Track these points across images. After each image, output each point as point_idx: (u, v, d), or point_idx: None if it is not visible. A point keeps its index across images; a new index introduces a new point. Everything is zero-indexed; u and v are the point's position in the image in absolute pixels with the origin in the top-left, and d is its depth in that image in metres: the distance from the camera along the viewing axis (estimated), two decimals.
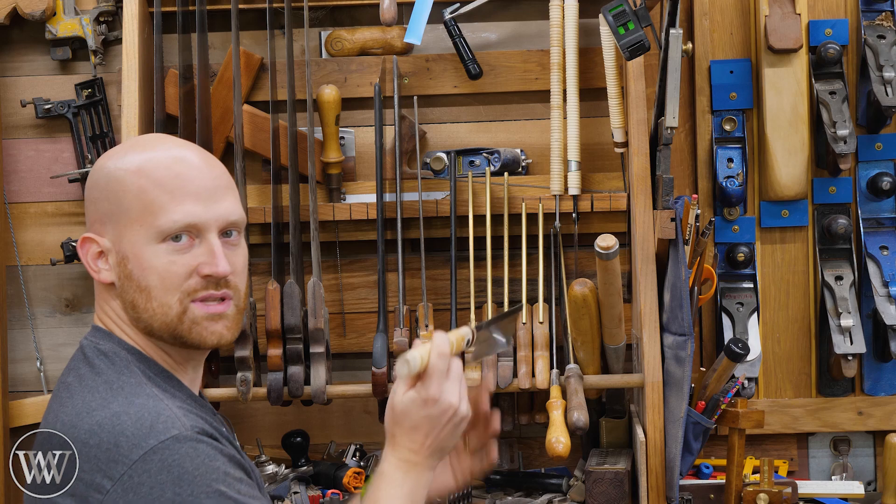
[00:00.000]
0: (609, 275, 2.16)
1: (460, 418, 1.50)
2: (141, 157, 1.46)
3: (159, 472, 1.32)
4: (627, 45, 2.04)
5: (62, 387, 1.47)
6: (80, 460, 1.36)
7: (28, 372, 2.52)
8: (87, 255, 1.46)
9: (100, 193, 1.46)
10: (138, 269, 1.44)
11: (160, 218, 1.43)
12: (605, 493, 2.17)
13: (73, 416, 1.40)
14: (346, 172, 2.45)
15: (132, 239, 1.44)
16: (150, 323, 1.45)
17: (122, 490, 1.33)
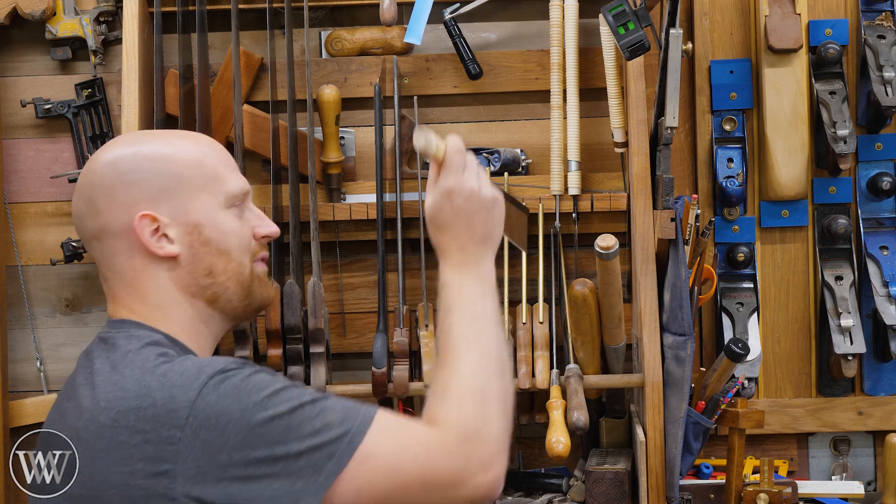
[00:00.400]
0: (609, 275, 2.16)
1: (489, 201, 1.54)
2: (174, 137, 1.57)
3: (220, 400, 1.37)
4: (627, 45, 2.04)
5: (86, 374, 1.47)
6: (140, 423, 1.38)
7: (28, 372, 2.52)
8: (145, 232, 1.49)
9: (144, 174, 1.50)
10: (216, 234, 1.52)
11: (226, 185, 1.53)
12: (605, 493, 2.17)
13: (117, 390, 1.42)
14: (346, 172, 2.45)
15: (202, 207, 1.51)
16: (225, 286, 1.53)
17: (192, 432, 1.36)
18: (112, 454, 1.39)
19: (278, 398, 1.38)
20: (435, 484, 1.40)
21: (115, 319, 1.54)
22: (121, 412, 1.39)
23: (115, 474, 1.38)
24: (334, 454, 1.37)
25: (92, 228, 1.52)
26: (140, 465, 1.37)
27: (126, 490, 1.37)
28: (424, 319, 2.32)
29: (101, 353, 1.48)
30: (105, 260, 1.53)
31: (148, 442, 1.37)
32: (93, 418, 1.41)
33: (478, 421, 1.43)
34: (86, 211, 1.52)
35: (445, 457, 1.41)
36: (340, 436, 1.38)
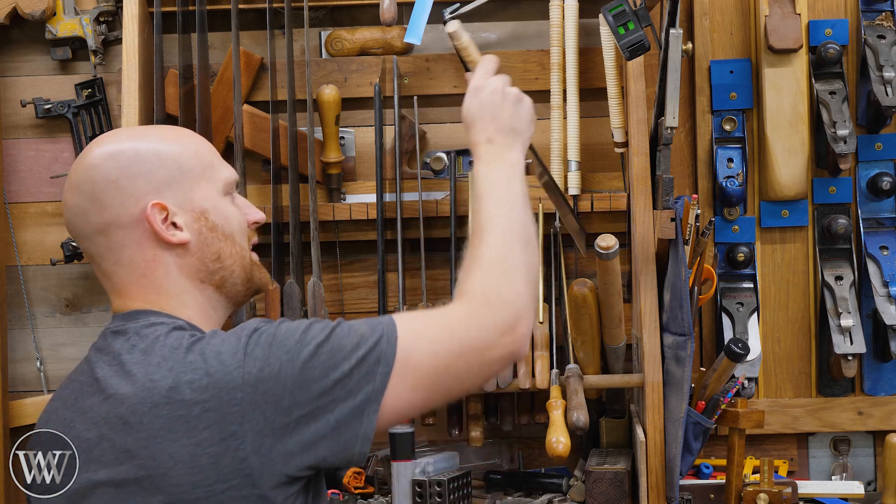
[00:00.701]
0: (609, 275, 2.16)
1: (514, 96, 1.73)
2: (163, 131, 1.61)
3: (266, 351, 1.43)
4: (627, 45, 2.04)
5: (111, 366, 1.49)
6: (197, 394, 1.41)
7: (28, 372, 2.52)
8: (157, 221, 1.52)
9: (147, 165, 1.53)
10: (221, 219, 1.56)
11: (221, 173, 1.58)
12: (605, 493, 2.17)
13: (161, 370, 1.44)
14: (346, 172, 2.45)
15: (205, 194, 1.56)
16: (232, 269, 1.57)
17: (251, 388, 1.41)
18: (173, 430, 1.41)
19: (312, 331, 1.45)
20: (471, 352, 1.49)
21: (128, 311, 1.54)
22: (173, 388, 1.42)
23: (180, 448, 1.41)
24: (380, 358, 1.44)
25: (96, 223, 1.53)
26: (206, 434, 1.40)
27: (193, 461, 1.40)
28: None
29: (123, 345, 1.49)
30: (111, 254, 1.54)
31: (209, 410, 1.41)
32: (141, 401, 1.43)
33: (500, 286, 1.53)
34: (88, 206, 1.53)
35: (472, 324, 1.50)
36: (378, 341, 1.45)
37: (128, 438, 1.43)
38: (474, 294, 1.53)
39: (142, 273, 1.53)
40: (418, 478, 2.19)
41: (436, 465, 2.25)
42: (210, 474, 1.40)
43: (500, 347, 1.50)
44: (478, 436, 2.33)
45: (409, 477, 2.20)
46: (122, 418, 1.44)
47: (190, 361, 1.44)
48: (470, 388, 1.57)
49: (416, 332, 1.49)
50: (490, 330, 1.50)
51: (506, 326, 1.51)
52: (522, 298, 1.54)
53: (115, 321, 1.54)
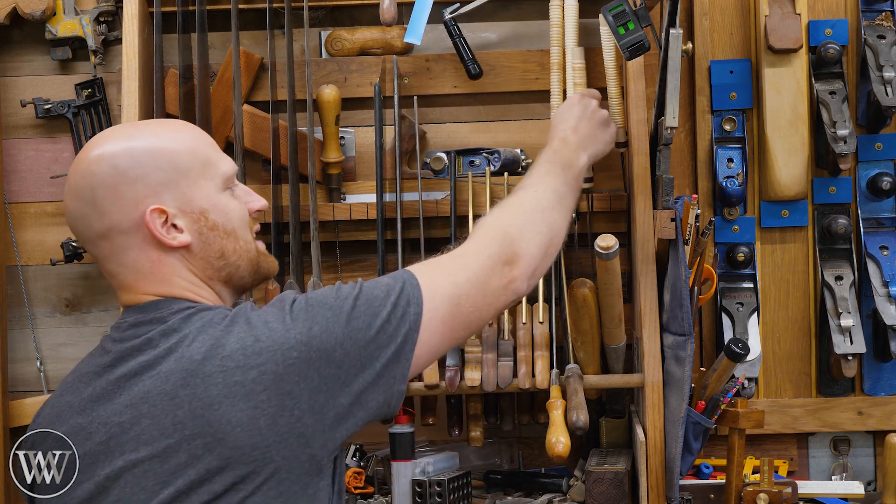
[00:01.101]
0: (609, 275, 2.16)
1: (602, 115, 2.06)
2: (160, 128, 1.61)
3: (310, 312, 1.51)
4: (627, 45, 2.04)
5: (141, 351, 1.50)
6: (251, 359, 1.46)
7: (28, 372, 2.52)
8: (157, 226, 1.53)
9: (144, 168, 1.54)
10: (222, 217, 1.58)
11: (220, 168, 1.60)
12: (605, 493, 2.17)
13: (207, 343, 1.49)
14: (346, 172, 2.45)
15: (204, 193, 1.57)
16: (237, 265, 1.61)
17: (304, 345, 1.48)
18: (230, 395, 1.45)
19: (343, 290, 1.55)
20: (481, 281, 1.64)
21: (144, 303, 1.56)
22: (226, 356, 1.46)
23: (238, 412, 1.44)
24: (410, 300, 1.56)
25: (98, 229, 1.54)
26: (263, 396, 1.45)
27: (252, 423, 1.44)
28: None
29: (151, 329, 1.52)
30: (115, 257, 1.55)
31: (265, 373, 1.45)
32: (191, 374, 1.46)
33: (509, 225, 1.72)
34: (88, 212, 1.54)
35: (479, 253, 1.67)
36: (403, 286, 1.57)
37: (178, 412, 1.46)
38: (483, 227, 1.72)
39: (148, 272, 1.55)
40: (418, 478, 2.19)
41: (436, 465, 2.25)
42: (268, 434, 1.44)
43: (500, 277, 1.66)
44: (478, 436, 2.33)
45: (409, 477, 2.20)
46: (168, 394, 1.46)
47: (236, 331, 1.48)
48: (484, 319, 1.66)
49: (433, 271, 1.62)
50: (493, 259, 1.66)
51: (506, 257, 1.67)
52: (528, 239, 1.71)
53: (131, 314, 1.56)
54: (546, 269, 1.82)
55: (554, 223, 1.80)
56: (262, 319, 1.50)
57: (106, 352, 1.54)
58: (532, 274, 1.73)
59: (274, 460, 1.45)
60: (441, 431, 2.40)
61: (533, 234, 1.73)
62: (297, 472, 1.47)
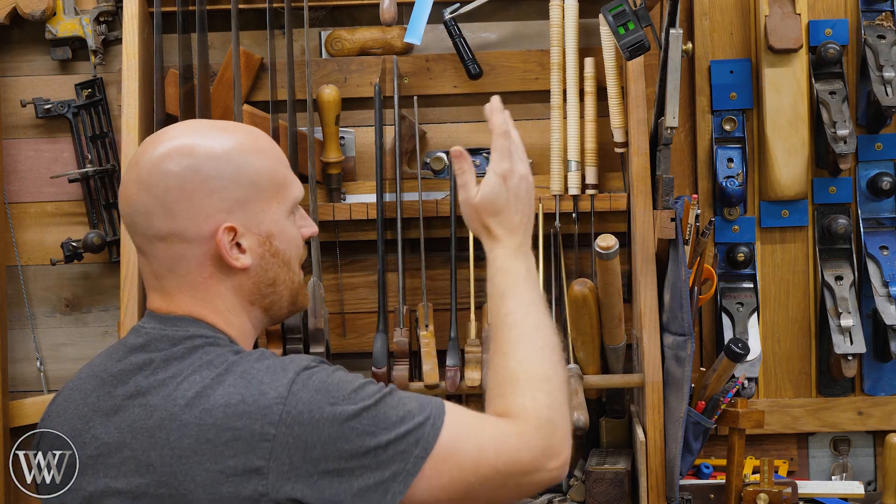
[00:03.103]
0: (609, 275, 2.16)
1: (530, 184, 1.67)
2: (249, 138, 1.52)
3: (311, 396, 1.39)
4: (627, 45, 2.04)
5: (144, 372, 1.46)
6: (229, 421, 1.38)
7: (28, 372, 2.52)
8: (226, 244, 1.47)
9: (224, 181, 1.47)
10: (283, 244, 1.53)
11: (292, 191, 1.54)
12: (605, 493, 2.17)
13: (196, 388, 1.41)
14: (346, 172, 2.45)
15: (273, 217, 1.51)
16: (282, 294, 1.55)
17: (286, 428, 1.38)
18: (199, 452, 1.38)
19: (364, 392, 1.42)
20: (514, 473, 1.45)
21: (170, 315, 1.50)
22: (206, 409, 1.39)
23: (204, 472, 1.38)
24: (420, 440, 1.41)
25: (160, 229, 1.48)
26: (231, 462, 1.37)
27: (214, 487, 1.38)
28: (424, 319, 2.32)
29: (158, 353, 1.47)
30: (167, 261, 1.49)
31: (239, 439, 1.38)
32: (171, 417, 1.40)
33: (550, 409, 1.49)
34: (154, 210, 1.47)
35: (524, 447, 1.45)
36: (422, 422, 1.42)
37: (151, 453, 1.41)
38: (527, 415, 1.48)
39: (194, 286, 1.50)
40: None
41: None
42: (228, 503, 1.37)
43: (546, 472, 1.47)
44: None
45: None
46: (148, 431, 1.41)
47: (227, 383, 1.41)
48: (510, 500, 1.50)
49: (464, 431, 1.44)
50: (539, 453, 1.46)
51: (553, 452, 1.48)
52: (567, 421, 1.52)
53: (151, 321, 1.51)
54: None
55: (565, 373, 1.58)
56: (259, 378, 1.41)
57: (117, 359, 1.50)
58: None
59: None
60: None
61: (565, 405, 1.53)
62: None
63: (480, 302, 2.30)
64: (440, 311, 2.37)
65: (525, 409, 1.48)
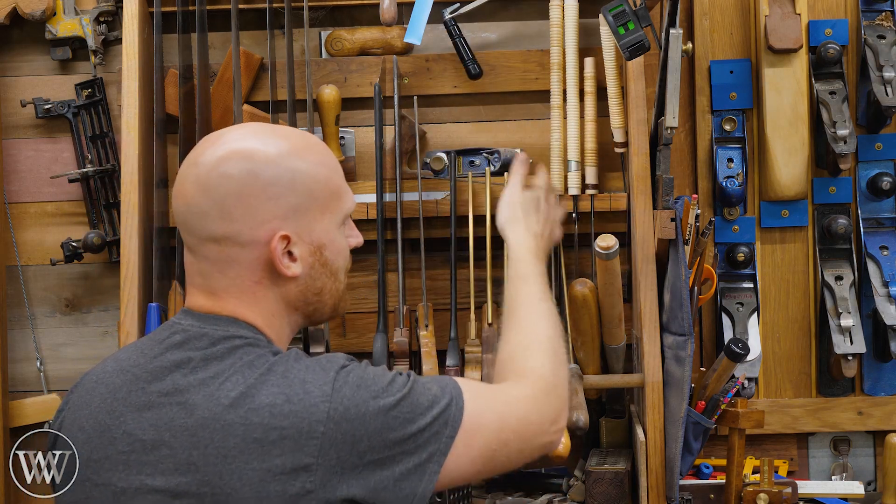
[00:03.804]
0: (609, 275, 2.16)
1: (548, 205, 1.97)
2: (308, 146, 1.54)
3: (354, 391, 1.44)
4: (627, 45, 2.04)
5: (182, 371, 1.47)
6: (276, 420, 1.41)
7: (28, 372, 2.52)
8: (279, 252, 1.49)
9: (282, 189, 1.48)
10: (333, 254, 1.56)
11: (345, 202, 1.58)
12: (605, 493, 2.17)
13: (240, 388, 1.43)
14: (346, 172, 2.43)
15: (325, 227, 1.54)
16: (326, 303, 1.58)
17: (335, 424, 1.41)
18: (246, 452, 1.40)
19: (396, 383, 1.48)
20: (528, 435, 1.56)
21: (211, 314, 1.51)
22: (252, 409, 1.41)
23: (251, 471, 1.40)
24: (448, 421, 1.47)
25: (215, 231, 1.48)
26: (278, 461, 1.39)
27: (262, 486, 1.40)
28: (424, 319, 2.32)
29: (198, 352, 1.47)
30: (218, 263, 1.50)
31: (286, 438, 1.40)
32: (214, 417, 1.42)
33: (555, 376, 1.64)
34: (212, 212, 1.47)
35: (535, 410, 1.57)
36: (448, 404, 1.48)
37: (193, 452, 1.41)
38: (538, 378, 1.61)
39: (243, 289, 1.50)
40: None
41: None
42: (275, 501, 1.39)
43: (548, 435, 1.58)
44: None
45: None
46: (189, 430, 1.42)
47: (271, 383, 1.43)
48: (514, 468, 1.57)
49: (483, 404, 1.52)
50: (546, 416, 1.58)
51: (555, 415, 1.60)
52: (567, 394, 1.65)
53: (189, 318, 1.51)
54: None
55: (566, 358, 1.73)
56: (301, 378, 1.44)
57: (152, 356, 1.49)
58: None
59: None
60: None
61: (565, 376, 1.68)
62: None
63: (480, 302, 2.30)
64: (440, 311, 2.37)
65: (535, 372, 1.62)
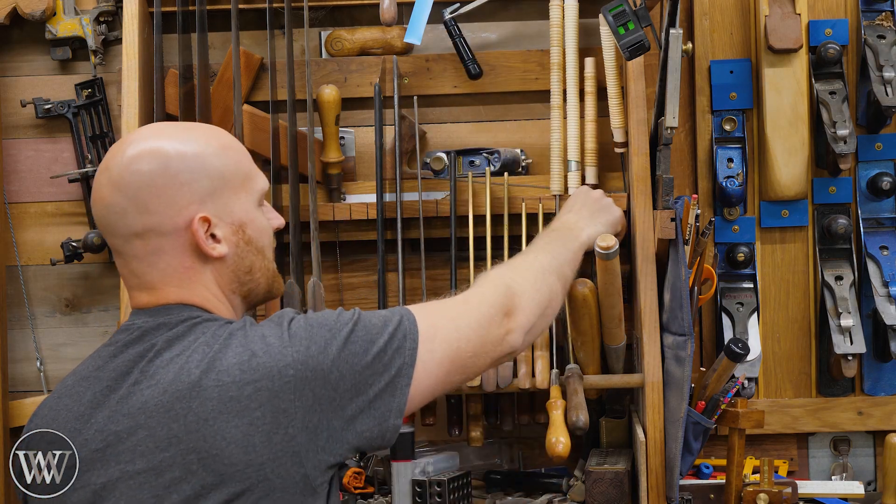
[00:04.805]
0: (609, 275, 2.16)
1: (607, 202, 2.13)
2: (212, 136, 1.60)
3: (310, 332, 1.51)
4: (627, 45, 2.04)
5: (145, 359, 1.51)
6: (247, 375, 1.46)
7: (28, 372, 2.53)
8: (201, 234, 1.54)
9: (193, 174, 1.54)
10: (256, 232, 1.61)
11: (258, 182, 1.62)
12: (605, 493, 2.17)
13: (205, 356, 1.48)
14: (346, 172, 2.45)
15: (243, 206, 1.59)
16: (259, 282, 1.63)
17: (301, 363, 1.47)
18: (225, 411, 1.45)
19: (344, 316, 1.55)
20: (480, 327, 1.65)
21: (159, 306, 1.56)
22: (222, 371, 1.46)
23: (233, 428, 1.44)
24: (406, 333, 1.55)
25: (135, 226, 1.53)
26: (258, 413, 1.44)
27: (247, 440, 1.44)
28: None
29: (159, 336, 1.52)
30: (146, 258, 1.54)
31: (261, 389, 1.45)
32: (188, 388, 1.46)
33: (513, 277, 1.75)
34: (128, 208, 1.52)
35: (482, 301, 1.68)
36: (400, 320, 1.56)
37: (173, 425, 1.45)
38: (486, 279, 1.74)
39: (177, 277, 1.56)
40: (418, 478, 2.19)
41: (436, 465, 2.25)
42: (262, 452, 1.44)
43: (499, 326, 1.67)
44: (478, 436, 2.33)
45: (409, 477, 2.20)
46: (164, 406, 1.46)
47: (234, 346, 1.48)
48: (480, 367, 1.66)
49: (432, 310, 1.62)
50: (494, 308, 1.67)
51: (506, 309, 1.69)
52: (528, 296, 1.73)
53: (140, 316, 1.55)
54: (542, 329, 1.89)
55: (553, 286, 1.83)
56: (260, 334, 1.50)
57: (111, 357, 1.53)
58: (529, 329, 1.74)
59: (268, 478, 1.45)
60: (441, 431, 2.40)
61: (533, 291, 1.76)
62: (291, 492, 1.47)
63: None
64: None
65: (487, 278, 1.75)
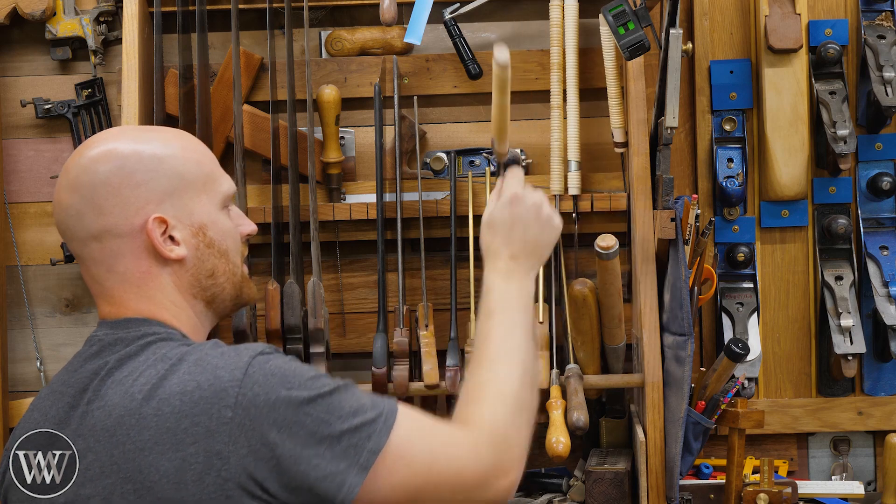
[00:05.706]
0: (609, 275, 2.16)
1: (547, 214, 1.65)
2: (167, 135, 1.56)
3: (267, 379, 1.39)
4: (627, 45, 2.04)
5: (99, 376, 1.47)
6: (187, 407, 1.38)
7: (28, 372, 2.53)
8: (157, 235, 1.49)
9: (150, 174, 1.49)
10: (218, 235, 1.54)
11: (222, 185, 1.55)
12: (605, 493, 2.17)
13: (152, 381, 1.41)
14: (346, 172, 2.45)
15: (204, 208, 1.53)
16: (223, 287, 1.55)
17: (243, 410, 1.37)
18: (160, 442, 1.38)
19: (319, 381, 1.41)
20: (463, 483, 1.44)
21: (119, 319, 1.51)
22: (163, 399, 1.39)
23: (167, 462, 1.38)
24: (371, 435, 1.40)
25: (91, 228, 1.50)
26: (192, 449, 1.37)
27: (179, 475, 1.37)
28: (424, 319, 2.32)
29: (113, 355, 1.47)
30: (104, 261, 1.51)
31: (198, 425, 1.38)
32: (129, 413, 1.41)
33: (508, 426, 1.49)
34: (85, 210, 1.49)
35: (474, 458, 1.45)
36: (375, 418, 1.41)
37: (114, 452, 1.41)
38: (483, 426, 1.48)
39: (135, 283, 1.51)
40: None
41: None
42: (194, 491, 1.37)
43: (491, 489, 1.46)
44: None
45: None
46: (108, 430, 1.42)
47: (182, 371, 1.41)
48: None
49: (416, 433, 1.43)
50: (488, 469, 1.46)
51: (503, 470, 1.47)
52: (524, 443, 1.52)
53: (103, 328, 1.52)
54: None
55: (535, 402, 1.58)
56: (214, 364, 1.41)
57: (73, 370, 1.51)
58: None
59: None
60: None
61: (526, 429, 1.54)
62: None
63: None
64: (440, 311, 2.37)
65: (483, 420, 1.48)
